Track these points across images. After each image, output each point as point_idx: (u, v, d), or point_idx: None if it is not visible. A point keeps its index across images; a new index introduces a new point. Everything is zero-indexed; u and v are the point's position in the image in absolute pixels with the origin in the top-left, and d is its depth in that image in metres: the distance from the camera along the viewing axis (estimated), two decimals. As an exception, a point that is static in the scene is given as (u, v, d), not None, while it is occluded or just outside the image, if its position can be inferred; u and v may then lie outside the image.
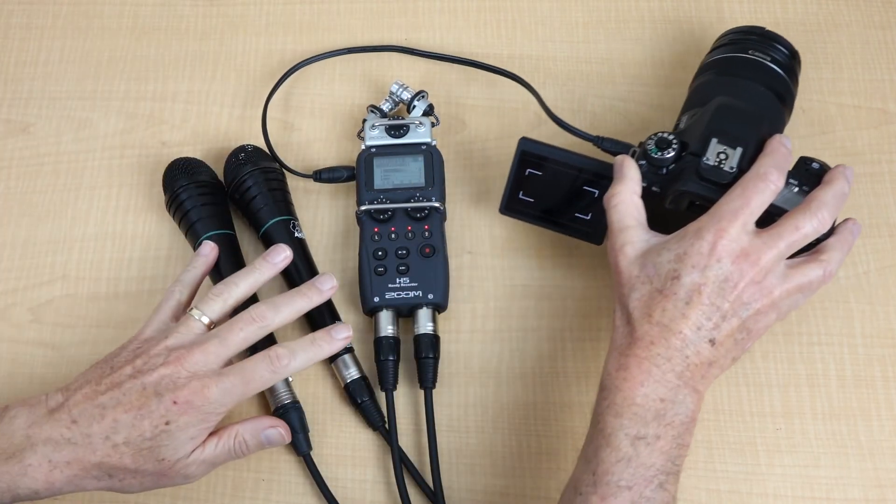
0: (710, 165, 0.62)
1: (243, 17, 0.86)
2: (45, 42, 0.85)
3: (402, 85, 0.77)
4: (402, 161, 0.73)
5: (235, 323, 0.62)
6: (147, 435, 0.58)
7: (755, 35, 0.72)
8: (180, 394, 0.58)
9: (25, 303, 0.73)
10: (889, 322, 0.71)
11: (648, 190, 0.65)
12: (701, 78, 0.73)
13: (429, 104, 0.77)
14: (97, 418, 0.58)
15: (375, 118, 0.76)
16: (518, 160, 0.69)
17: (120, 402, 0.59)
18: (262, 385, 0.61)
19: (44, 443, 0.58)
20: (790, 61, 0.72)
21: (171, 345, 0.61)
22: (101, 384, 0.59)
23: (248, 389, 0.60)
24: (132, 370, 0.60)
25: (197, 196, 0.72)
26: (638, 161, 0.65)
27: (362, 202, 0.72)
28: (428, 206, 0.71)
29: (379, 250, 0.70)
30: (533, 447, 0.68)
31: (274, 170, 0.74)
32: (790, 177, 0.63)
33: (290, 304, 0.64)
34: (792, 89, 0.72)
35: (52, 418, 0.58)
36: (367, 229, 0.71)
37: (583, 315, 0.72)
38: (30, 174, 0.79)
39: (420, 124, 0.74)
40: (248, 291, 0.65)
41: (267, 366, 0.61)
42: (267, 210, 0.72)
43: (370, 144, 0.74)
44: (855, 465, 0.67)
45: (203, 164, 0.75)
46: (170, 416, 0.58)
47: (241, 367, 0.61)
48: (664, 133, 0.65)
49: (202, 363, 0.60)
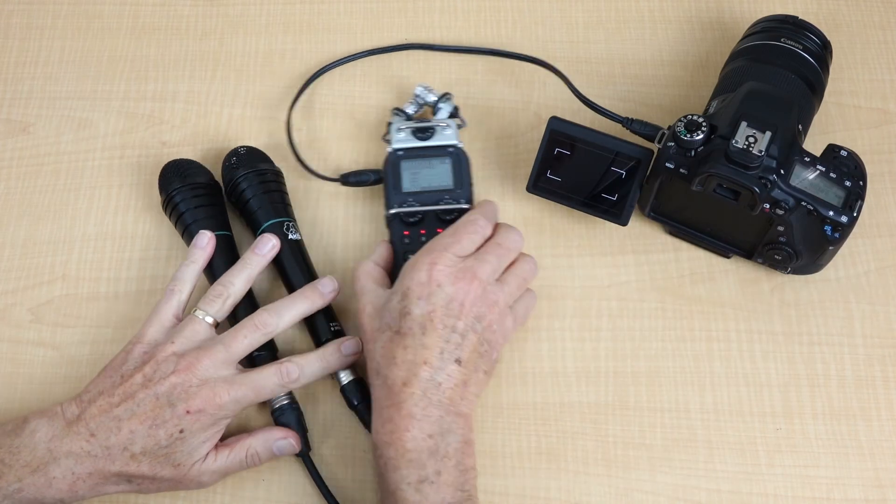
0: (739, 148, 0.63)
1: (243, 17, 0.86)
2: (45, 42, 0.85)
3: (426, 87, 0.77)
4: (430, 163, 0.73)
5: (240, 330, 0.64)
6: (163, 443, 0.60)
7: (788, 23, 0.74)
8: (193, 403, 0.60)
9: (25, 303, 0.73)
10: (889, 322, 0.71)
11: (676, 171, 0.65)
12: (732, 64, 0.74)
13: (454, 106, 0.77)
14: (114, 431, 0.60)
15: (401, 121, 0.76)
16: (547, 139, 0.70)
17: (135, 413, 0.60)
18: (269, 395, 0.64)
19: (66, 456, 0.60)
20: (821, 51, 0.73)
21: (179, 350, 0.62)
22: (114, 395, 0.61)
23: (256, 398, 0.63)
24: (143, 379, 0.61)
25: (192, 198, 0.71)
26: (667, 143, 0.66)
27: (391, 205, 0.72)
28: (457, 209, 0.71)
29: (409, 253, 0.70)
30: (533, 447, 0.68)
31: (269, 171, 0.74)
32: (818, 163, 0.64)
33: (291, 309, 0.66)
34: (822, 78, 0.73)
35: (71, 431, 0.60)
36: (396, 233, 0.71)
37: (583, 315, 0.72)
38: (30, 174, 0.79)
39: (446, 126, 0.75)
40: (245, 286, 0.67)
41: (277, 380, 0.63)
42: (262, 212, 0.71)
43: (396, 147, 0.74)
44: (855, 465, 0.67)
45: (197, 165, 0.74)
46: (183, 424, 0.60)
47: (252, 378, 0.63)
48: (694, 115, 0.66)
49: (212, 370, 0.62)
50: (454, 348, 0.61)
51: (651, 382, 0.69)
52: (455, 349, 0.61)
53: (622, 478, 0.66)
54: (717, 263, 0.73)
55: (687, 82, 0.81)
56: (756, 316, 0.71)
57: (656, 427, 0.68)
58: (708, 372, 0.70)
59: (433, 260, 0.62)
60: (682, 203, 0.70)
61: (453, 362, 0.60)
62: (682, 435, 0.68)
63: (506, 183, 0.77)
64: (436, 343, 0.60)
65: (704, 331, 0.71)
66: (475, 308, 0.62)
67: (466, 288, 0.62)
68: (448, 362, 0.60)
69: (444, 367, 0.60)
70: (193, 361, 0.61)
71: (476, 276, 0.62)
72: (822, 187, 0.64)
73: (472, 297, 0.62)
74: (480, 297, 0.62)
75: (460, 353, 0.61)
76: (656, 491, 0.66)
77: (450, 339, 0.61)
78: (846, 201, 0.64)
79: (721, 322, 0.71)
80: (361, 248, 0.75)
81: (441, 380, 0.60)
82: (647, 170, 0.70)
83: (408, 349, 0.60)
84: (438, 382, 0.60)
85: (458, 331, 0.61)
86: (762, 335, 0.71)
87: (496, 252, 0.65)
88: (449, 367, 0.60)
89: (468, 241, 0.65)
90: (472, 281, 0.62)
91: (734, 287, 0.73)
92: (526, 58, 0.81)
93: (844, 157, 0.65)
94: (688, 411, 0.68)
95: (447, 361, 0.60)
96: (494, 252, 0.65)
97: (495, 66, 0.82)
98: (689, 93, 0.81)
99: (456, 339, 0.61)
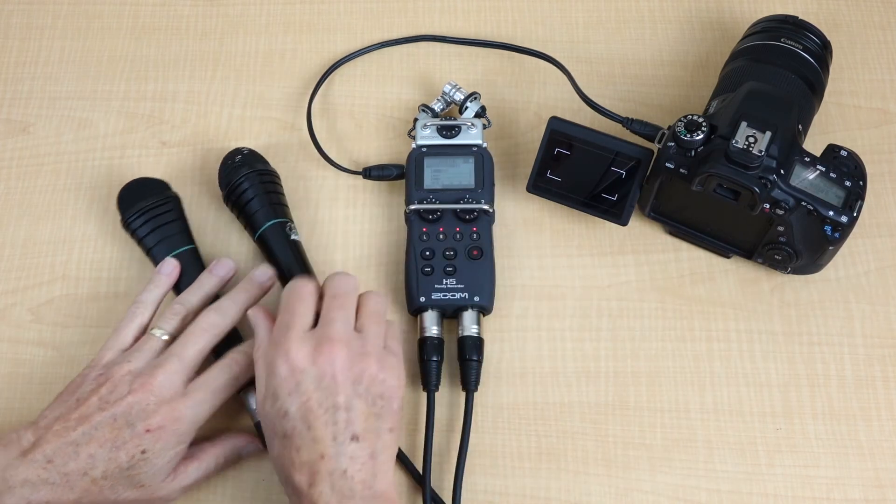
0: (739, 148, 0.63)
1: (243, 17, 0.86)
2: (45, 42, 0.85)
3: (454, 85, 0.77)
4: (453, 162, 0.73)
5: (189, 337, 0.63)
6: (124, 465, 0.58)
7: (788, 23, 0.74)
8: (152, 421, 0.59)
9: (25, 303, 0.73)
10: (889, 322, 0.71)
11: (676, 171, 0.65)
12: (732, 64, 0.74)
13: (481, 106, 0.77)
14: (72, 456, 0.58)
15: (427, 118, 0.76)
16: (547, 139, 0.70)
17: (93, 436, 0.58)
18: (228, 393, 0.63)
19: (21, 485, 0.57)
20: (821, 51, 0.73)
21: (134, 369, 0.61)
22: (70, 420, 0.59)
23: (216, 400, 0.62)
24: (99, 401, 0.60)
25: (149, 220, 0.70)
26: (667, 143, 0.66)
27: (411, 201, 0.72)
28: (477, 209, 0.71)
29: (427, 250, 0.70)
30: (533, 447, 0.68)
31: (269, 172, 0.73)
32: (818, 163, 0.64)
33: (234, 304, 0.66)
34: (822, 78, 0.73)
35: (26, 459, 0.58)
36: (415, 229, 0.71)
37: (583, 315, 0.72)
38: (30, 174, 0.79)
39: (472, 126, 0.75)
40: (202, 305, 0.67)
41: (228, 373, 0.62)
42: (262, 213, 0.71)
43: (421, 144, 0.74)
44: (855, 465, 0.67)
45: (151, 181, 0.73)
46: (145, 444, 0.59)
47: (205, 382, 0.62)
48: (694, 115, 0.66)
49: (167, 385, 0.60)
50: (345, 426, 0.56)
51: (651, 382, 0.69)
52: (346, 427, 0.56)
53: (622, 478, 0.66)
54: (717, 263, 0.73)
55: (687, 82, 0.81)
56: (756, 316, 0.72)
57: (656, 427, 0.68)
58: (708, 372, 0.70)
59: (284, 349, 0.58)
60: (682, 203, 0.70)
61: (350, 441, 0.56)
62: (682, 435, 0.68)
63: (506, 183, 0.77)
64: (324, 431, 0.56)
65: (704, 331, 0.71)
66: (349, 373, 0.58)
67: (329, 357, 0.57)
68: (345, 444, 0.56)
69: (342, 451, 0.56)
70: (149, 379, 0.60)
71: (332, 339, 0.58)
72: (822, 187, 0.64)
73: (340, 363, 0.57)
74: (348, 359, 0.58)
75: (354, 428, 0.56)
76: (656, 491, 0.66)
77: (337, 420, 0.56)
78: (846, 201, 0.64)
79: (721, 322, 0.71)
80: (361, 248, 0.75)
81: (345, 466, 0.55)
82: (647, 170, 0.70)
83: (301, 450, 0.56)
84: (343, 470, 0.55)
85: (342, 406, 0.57)
86: (762, 335, 0.71)
87: (336, 305, 0.61)
88: (348, 448, 0.56)
89: (304, 310, 0.60)
90: (331, 347, 0.58)
91: (734, 287, 0.73)
92: (538, 54, 0.81)
93: (844, 157, 0.65)
94: (688, 411, 0.68)
95: (343, 444, 0.56)
96: (335, 306, 0.61)
97: (495, 67, 0.82)
98: (689, 93, 0.81)
99: (342, 416, 0.56)
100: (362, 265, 0.74)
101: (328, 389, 0.57)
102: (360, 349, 0.59)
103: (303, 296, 0.61)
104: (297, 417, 0.57)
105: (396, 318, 0.72)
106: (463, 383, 0.68)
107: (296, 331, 0.59)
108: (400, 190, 0.76)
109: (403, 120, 0.80)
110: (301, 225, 0.75)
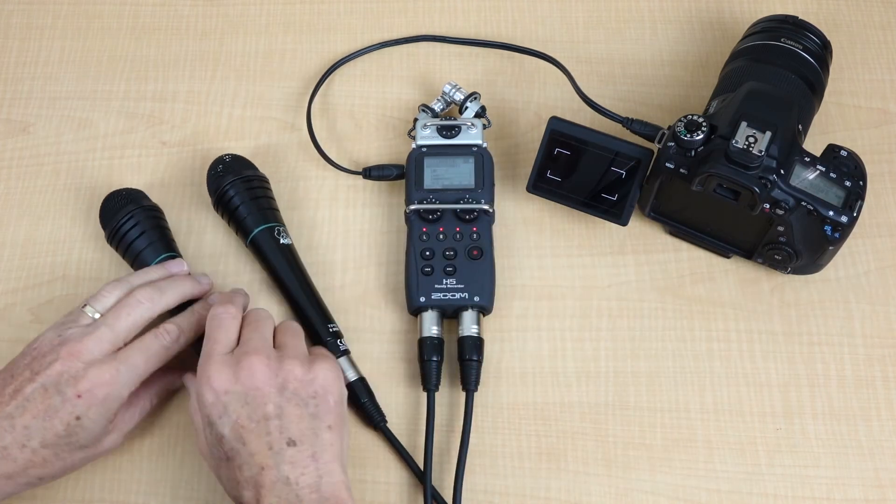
0: (739, 148, 0.63)
1: (243, 17, 0.86)
2: (45, 42, 0.85)
3: (454, 85, 0.77)
4: (453, 162, 0.73)
5: (121, 308, 0.63)
6: (62, 433, 0.59)
7: (788, 23, 0.74)
8: (81, 386, 0.59)
9: (25, 303, 0.73)
10: (889, 322, 0.71)
11: (676, 171, 0.65)
12: (732, 64, 0.74)
13: (481, 106, 0.77)
14: (8, 430, 0.59)
15: (427, 118, 0.76)
16: (547, 139, 0.71)
17: (26, 408, 0.59)
18: (158, 360, 0.63)
19: None
20: (821, 51, 0.73)
21: (62, 339, 0.61)
22: (3, 395, 0.60)
23: (148, 366, 0.62)
24: (30, 373, 0.60)
25: (129, 231, 0.70)
26: (667, 143, 0.66)
27: (411, 201, 0.72)
28: (477, 209, 0.71)
29: (426, 250, 0.70)
30: (533, 447, 0.68)
31: (256, 178, 0.73)
32: (818, 163, 0.64)
33: (174, 288, 0.66)
34: (822, 78, 0.73)
35: None
36: (415, 229, 0.71)
37: (583, 315, 0.72)
38: (30, 174, 0.79)
39: (472, 126, 0.74)
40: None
41: (159, 341, 0.63)
42: (252, 219, 0.71)
43: (421, 144, 0.74)
44: (855, 465, 0.67)
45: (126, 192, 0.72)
46: (77, 410, 0.59)
47: (135, 347, 0.62)
48: (694, 115, 0.66)
49: (96, 352, 0.61)
50: (279, 434, 0.57)
51: (651, 382, 0.69)
52: (280, 434, 0.57)
53: (622, 478, 0.66)
54: (717, 263, 0.73)
55: (687, 82, 0.82)
56: (756, 316, 0.72)
57: (656, 427, 0.68)
58: (708, 372, 0.70)
59: (207, 376, 0.59)
60: (682, 203, 0.70)
61: (287, 447, 0.56)
62: (682, 435, 0.68)
63: (506, 183, 0.77)
64: (260, 443, 0.56)
65: (704, 331, 0.71)
66: (273, 381, 0.58)
67: (250, 372, 0.58)
68: (282, 452, 0.56)
69: (281, 459, 0.56)
70: (76, 345, 0.60)
71: (249, 354, 0.59)
72: (822, 187, 0.64)
73: (261, 374, 0.58)
74: (269, 369, 0.59)
75: (288, 433, 0.57)
76: (656, 491, 0.66)
77: (270, 430, 0.57)
78: (846, 201, 0.64)
79: (721, 322, 0.71)
80: (361, 248, 0.75)
81: (286, 473, 0.55)
82: (647, 170, 0.70)
83: (242, 468, 0.56)
84: (286, 477, 0.55)
85: (272, 415, 0.57)
86: (762, 335, 0.71)
87: (251, 328, 0.62)
88: (286, 454, 0.56)
89: (222, 336, 0.61)
90: (250, 362, 0.59)
91: (734, 287, 0.73)
92: (538, 54, 0.81)
93: (844, 157, 0.65)
94: (688, 411, 0.68)
95: (281, 452, 0.56)
96: (250, 329, 0.62)
97: (495, 67, 0.82)
98: (689, 93, 0.81)
99: (275, 424, 0.57)
100: (362, 265, 0.74)
101: (255, 403, 0.58)
102: (280, 358, 0.60)
103: (222, 321, 0.62)
104: (233, 438, 0.57)
105: (396, 317, 0.72)
106: (463, 383, 0.68)
107: (215, 356, 0.60)
108: (400, 190, 0.76)
109: (403, 120, 0.80)
110: (301, 225, 0.75)
